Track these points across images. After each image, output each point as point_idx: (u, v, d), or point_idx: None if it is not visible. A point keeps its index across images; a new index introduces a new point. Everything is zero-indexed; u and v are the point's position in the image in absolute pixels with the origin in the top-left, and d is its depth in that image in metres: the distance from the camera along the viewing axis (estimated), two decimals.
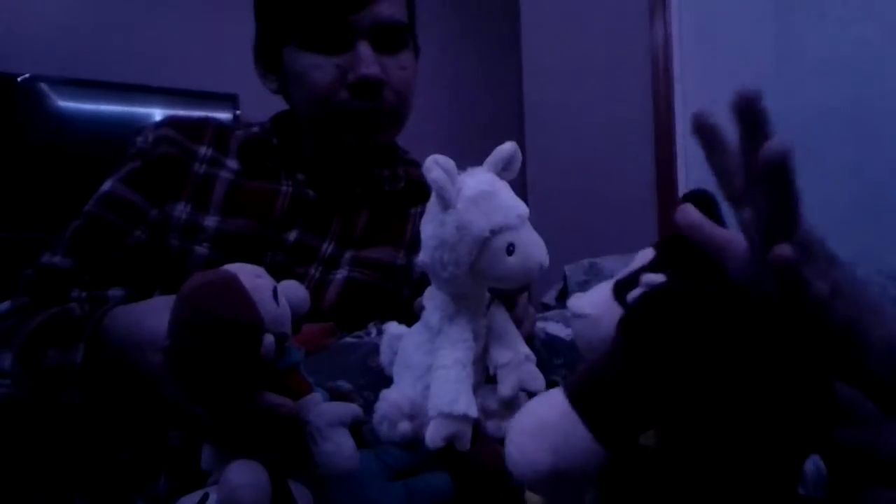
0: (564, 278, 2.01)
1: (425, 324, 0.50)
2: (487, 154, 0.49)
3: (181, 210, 0.76)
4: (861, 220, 2.04)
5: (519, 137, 2.99)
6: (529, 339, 0.70)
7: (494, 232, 0.45)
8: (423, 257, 0.48)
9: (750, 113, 0.33)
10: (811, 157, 2.19)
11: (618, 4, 2.59)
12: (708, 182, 0.44)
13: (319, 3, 0.72)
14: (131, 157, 0.78)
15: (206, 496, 0.37)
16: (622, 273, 0.44)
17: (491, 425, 0.51)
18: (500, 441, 0.50)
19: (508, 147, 0.49)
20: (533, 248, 0.47)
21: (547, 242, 0.49)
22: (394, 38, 0.76)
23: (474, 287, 0.48)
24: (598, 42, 2.66)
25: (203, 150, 0.79)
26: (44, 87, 2.66)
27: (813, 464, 0.31)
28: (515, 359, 0.48)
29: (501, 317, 0.51)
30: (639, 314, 0.33)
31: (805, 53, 2.18)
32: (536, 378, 0.49)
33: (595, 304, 0.43)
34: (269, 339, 0.38)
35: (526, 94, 2.91)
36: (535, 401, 0.36)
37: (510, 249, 0.46)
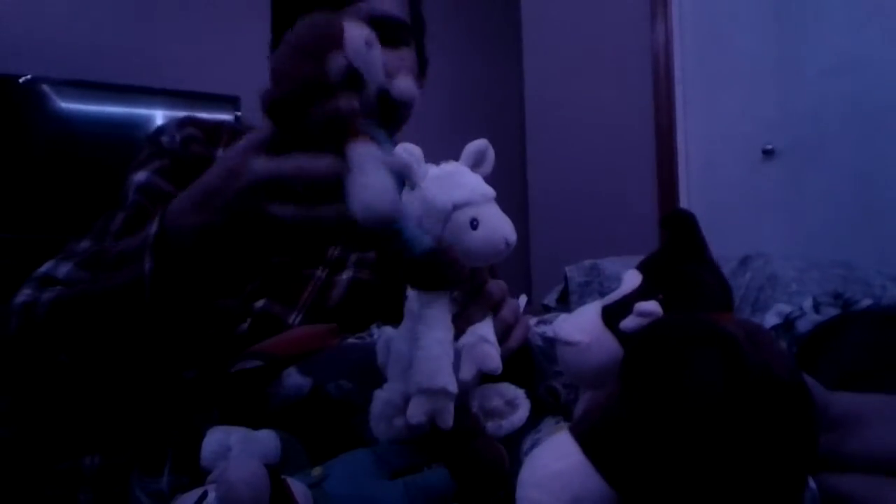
0: (565, 279, 2.01)
1: (408, 312, 0.52)
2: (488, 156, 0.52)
3: None
4: (861, 221, 2.04)
5: (520, 139, 2.99)
6: (526, 349, 0.71)
7: (457, 206, 0.47)
8: None
9: None
10: (812, 159, 2.19)
11: (619, 6, 2.60)
12: (707, 183, 0.44)
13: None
14: (156, 156, 0.77)
15: (204, 494, 0.38)
16: (610, 298, 0.43)
17: (491, 425, 0.51)
18: (500, 440, 0.50)
19: (480, 142, 0.51)
20: (498, 222, 0.49)
21: (548, 244, 0.50)
22: (392, 33, 0.77)
23: None
24: (599, 43, 2.66)
25: (220, 153, 0.80)
26: (46, 88, 2.66)
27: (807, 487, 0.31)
28: (471, 341, 0.49)
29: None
30: (648, 354, 0.32)
31: (806, 57, 2.18)
32: (489, 358, 0.49)
33: (584, 330, 0.42)
34: (339, 58, 0.44)
35: (527, 96, 2.91)
36: (544, 452, 0.34)
37: (474, 224, 0.47)
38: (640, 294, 0.41)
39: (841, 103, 2.09)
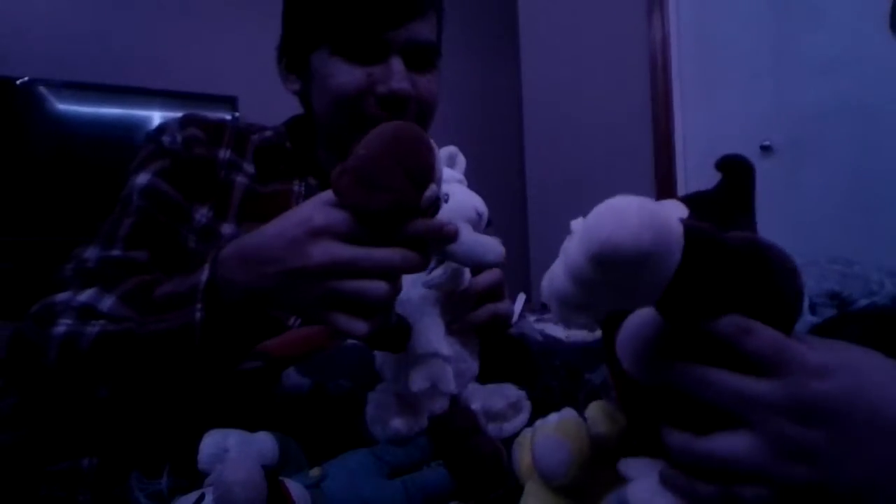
0: None
1: (397, 304, 0.53)
2: (486, 155, 0.57)
3: (203, 214, 0.75)
4: (859, 217, 2.04)
5: (518, 137, 2.99)
6: (524, 346, 0.71)
7: None
8: None
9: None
10: (810, 156, 2.19)
11: (616, 4, 2.59)
12: (705, 180, 0.43)
13: (356, 17, 0.72)
14: (157, 156, 0.76)
15: (202, 496, 0.38)
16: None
17: (493, 427, 0.52)
18: (501, 441, 0.50)
19: (450, 148, 0.58)
20: (467, 196, 0.53)
21: (546, 242, 0.51)
22: (425, 57, 0.77)
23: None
24: (596, 41, 2.66)
25: (222, 154, 0.79)
26: (43, 90, 2.66)
27: None
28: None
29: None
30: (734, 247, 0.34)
31: (803, 53, 2.18)
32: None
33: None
34: (434, 188, 0.47)
35: (524, 93, 2.91)
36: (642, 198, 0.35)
37: (445, 198, 0.52)
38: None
39: (838, 99, 2.09)
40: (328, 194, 0.48)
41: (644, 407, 0.39)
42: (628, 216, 0.31)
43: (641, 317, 0.37)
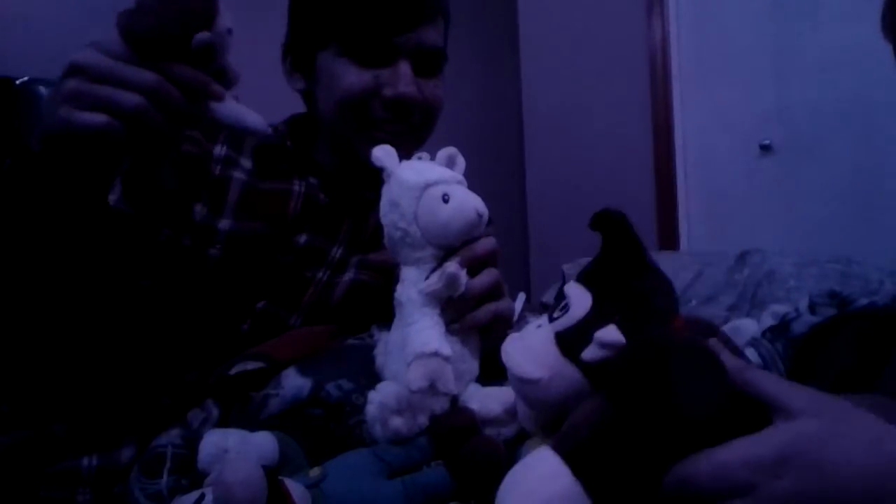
0: (563, 277, 2.01)
1: (397, 304, 0.54)
2: (486, 155, 0.56)
3: (197, 212, 0.75)
4: (858, 216, 2.05)
5: (518, 138, 2.99)
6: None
7: (429, 184, 0.52)
8: (385, 232, 0.54)
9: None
10: (809, 154, 2.19)
11: (615, 5, 2.59)
12: (705, 179, 0.43)
13: (367, 20, 0.72)
14: None
15: (202, 496, 0.38)
16: (562, 324, 0.40)
17: (490, 431, 0.52)
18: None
19: (450, 149, 0.58)
20: (468, 196, 0.53)
21: (545, 242, 0.50)
22: (432, 62, 0.78)
23: (428, 247, 0.53)
24: (596, 41, 2.66)
25: (218, 150, 0.78)
26: (42, 90, 2.66)
27: None
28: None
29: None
30: (640, 374, 0.32)
31: (802, 52, 2.18)
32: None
33: (541, 363, 0.40)
34: (208, 35, 0.50)
35: (524, 93, 2.91)
36: (529, 472, 0.34)
37: (445, 198, 0.52)
38: (594, 318, 0.39)
39: (838, 98, 2.09)
40: None
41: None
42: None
43: None
